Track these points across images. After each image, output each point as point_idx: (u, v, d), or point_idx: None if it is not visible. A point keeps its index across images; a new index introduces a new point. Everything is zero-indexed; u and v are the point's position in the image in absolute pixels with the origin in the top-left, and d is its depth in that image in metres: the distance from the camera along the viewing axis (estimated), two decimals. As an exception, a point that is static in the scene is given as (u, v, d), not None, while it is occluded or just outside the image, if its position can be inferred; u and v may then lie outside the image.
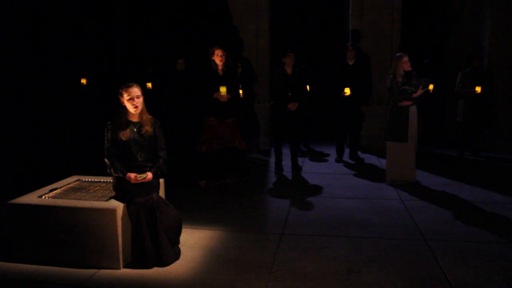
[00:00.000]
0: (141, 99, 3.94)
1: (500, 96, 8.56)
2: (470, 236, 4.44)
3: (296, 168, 7.23)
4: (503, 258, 3.89)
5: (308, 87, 7.68)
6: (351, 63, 7.59)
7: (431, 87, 7.79)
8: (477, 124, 8.11)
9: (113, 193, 3.98)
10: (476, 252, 4.03)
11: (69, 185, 4.36)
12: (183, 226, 4.10)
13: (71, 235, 3.73)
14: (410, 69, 6.10)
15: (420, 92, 6.06)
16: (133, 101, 3.89)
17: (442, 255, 3.95)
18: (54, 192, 4.13)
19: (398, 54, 6.30)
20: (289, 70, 6.86)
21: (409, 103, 6.09)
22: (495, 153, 8.41)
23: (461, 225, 4.72)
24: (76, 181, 4.52)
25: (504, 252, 4.03)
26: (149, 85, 8.68)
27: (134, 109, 3.92)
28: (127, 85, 3.91)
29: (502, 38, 8.56)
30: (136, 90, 3.91)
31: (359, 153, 8.15)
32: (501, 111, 8.58)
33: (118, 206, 3.72)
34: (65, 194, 4.10)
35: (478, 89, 7.75)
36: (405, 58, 6.10)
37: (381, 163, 7.07)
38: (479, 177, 6.77)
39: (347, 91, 7.31)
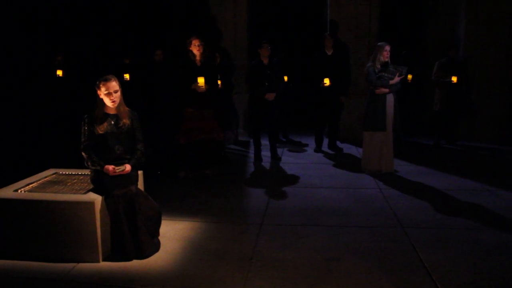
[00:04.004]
0: (118, 93, 3.89)
1: (475, 86, 8.70)
2: (446, 223, 4.53)
3: (275, 158, 7.25)
4: (478, 244, 3.98)
5: (286, 77, 7.69)
6: (329, 53, 7.60)
7: (409, 77, 7.89)
8: (453, 113, 8.24)
9: (91, 186, 3.94)
10: (452, 238, 4.11)
11: (46, 179, 4.30)
12: (162, 217, 4.09)
13: (48, 229, 3.68)
14: (388, 59, 6.16)
15: (397, 79, 6.12)
16: (110, 95, 3.83)
17: (419, 242, 4.01)
18: (31, 185, 4.07)
19: (380, 43, 6.32)
20: (265, 61, 6.85)
21: (386, 90, 6.15)
22: (471, 142, 8.57)
23: (438, 213, 4.81)
24: (53, 174, 4.46)
25: (479, 238, 4.12)
26: (127, 76, 8.59)
27: (112, 104, 3.87)
28: (105, 78, 3.85)
29: (476, 28, 8.68)
30: (114, 85, 3.85)
31: (338, 142, 8.21)
32: (476, 101, 8.71)
33: (97, 199, 3.69)
34: (42, 187, 4.05)
35: (454, 78, 7.86)
36: (387, 47, 6.15)
37: (360, 152, 7.14)
38: (455, 165, 6.89)
39: (327, 81, 7.33)
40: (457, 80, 7.86)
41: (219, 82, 7.01)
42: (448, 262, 3.64)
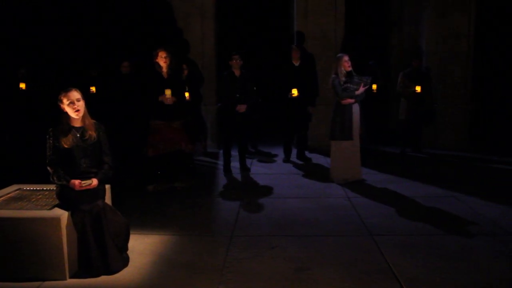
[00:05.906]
0: (82, 103, 3.82)
1: (437, 95, 8.93)
2: (413, 229, 4.62)
3: (245, 169, 7.25)
4: (444, 249, 4.08)
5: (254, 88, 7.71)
6: (296, 64, 7.68)
7: (374, 87, 8.04)
8: (417, 122, 8.44)
9: (57, 202, 3.84)
10: (419, 244, 4.20)
11: (9, 195, 4.18)
12: (131, 232, 4.03)
13: (12, 247, 3.56)
14: (350, 69, 6.28)
15: (362, 89, 6.24)
16: (73, 104, 3.76)
17: (388, 249, 4.08)
18: (-7, 202, 3.96)
19: (339, 54, 6.50)
20: (236, 72, 6.87)
21: (352, 101, 6.27)
22: (436, 149, 8.79)
23: (405, 220, 4.90)
24: (16, 190, 4.34)
25: (444, 243, 4.22)
26: (93, 89, 8.47)
27: (76, 113, 3.79)
28: (66, 90, 3.78)
29: (437, 39, 8.95)
30: (75, 94, 3.78)
31: (306, 153, 8.27)
32: (439, 109, 8.95)
33: (63, 214, 3.60)
34: (5, 204, 3.93)
35: (418, 88, 8.07)
36: (346, 58, 6.29)
37: (328, 162, 7.21)
38: (420, 172, 7.05)
39: (295, 92, 7.39)
40: (421, 89, 8.07)
41: (186, 94, 6.98)
42: (416, 268, 3.71)
